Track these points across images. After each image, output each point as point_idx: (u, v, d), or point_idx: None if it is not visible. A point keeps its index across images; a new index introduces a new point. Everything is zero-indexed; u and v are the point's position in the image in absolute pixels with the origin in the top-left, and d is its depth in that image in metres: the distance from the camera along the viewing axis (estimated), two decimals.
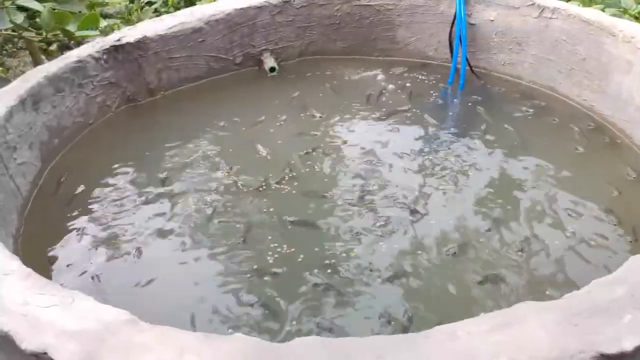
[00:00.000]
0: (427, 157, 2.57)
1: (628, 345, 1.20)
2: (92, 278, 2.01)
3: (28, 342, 1.25)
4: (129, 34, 2.88)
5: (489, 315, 1.31)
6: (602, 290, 1.32)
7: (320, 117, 2.87)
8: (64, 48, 4.16)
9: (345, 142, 2.69)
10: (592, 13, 2.79)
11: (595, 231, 2.15)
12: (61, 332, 1.27)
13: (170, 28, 2.98)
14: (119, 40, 2.81)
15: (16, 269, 1.47)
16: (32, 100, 2.39)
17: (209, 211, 2.28)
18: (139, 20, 4.37)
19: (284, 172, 2.48)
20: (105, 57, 2.77)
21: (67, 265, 2.06)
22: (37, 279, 1.44)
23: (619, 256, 2.02)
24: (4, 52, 4.70)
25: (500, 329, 1.25)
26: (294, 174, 2.47)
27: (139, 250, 2.11)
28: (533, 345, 1.21)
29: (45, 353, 1.22)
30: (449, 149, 2.63)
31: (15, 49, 4.81)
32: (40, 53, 3.96)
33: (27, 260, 1.96)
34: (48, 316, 1.31)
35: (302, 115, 2.90)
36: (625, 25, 2.63)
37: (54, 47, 4.22)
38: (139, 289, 1.96)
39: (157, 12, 4.85)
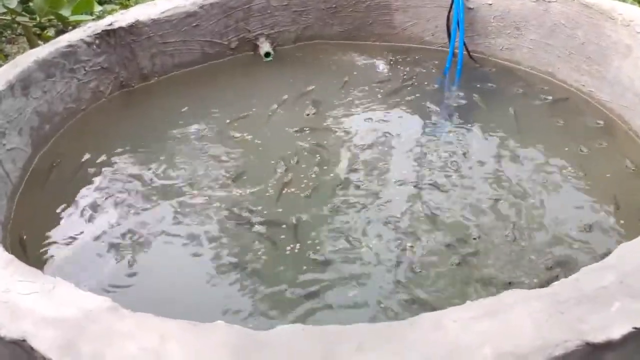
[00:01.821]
0: (424, 142, 2.55)
1: (616, 334, 1.17)
2: (81, 265, 1.99)
3: (7, 330, 1.24)
4: (121, 19, 2.85)
5: (475, 303, 1.28)
6: (590, 277, 1.30)
7: (316, 102, 2.84)
8: (61, 34, 4.12)
9: (342, 128, 2.66)
10: None
11: (589, 216, 2.14)
12: (40, 320, 1.25)
13: (164, 12, 2.94)
14: (110, 24, 2.78)
15: None
16: (22, 85, 2.36)
17: (203, 200, 2.25)
18: (139, 4, 4.32)
19: (279, 158, 2.45)
20: (97, 41, 2.74)
21: (56, 252, 2.04)
22: (19, 266, 1.42)
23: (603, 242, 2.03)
24: (3, 38, 4.66)
25: (486, 318, 1.23)
26: (291, 160, 2.44)
27: (130, 238, 2.09)
28: (518, 334, 1.18)
29: (24, 340, 1.21)
30: (446, 134, 2.60)
31: (14, 35, 4.77)
32: (37, 39, 3.93)
33: (14, 247, 1.97)
34: (28, 303, 1.30)
35: (297, 100, 2.87)
36: (624, 9, 2.58)
37: (51, 32, 4.18)
38: (128, 276, 1.95)
39: None
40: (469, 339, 1.18)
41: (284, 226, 2.11)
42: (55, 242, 2.09)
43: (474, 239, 2.04)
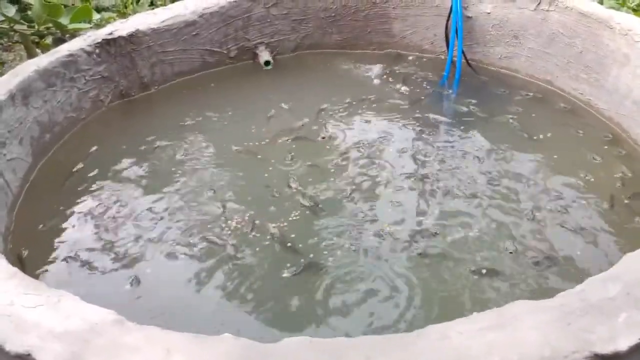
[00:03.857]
0: (424, 150, 2.55)
1: (623, 345, 1.18)
2: (82, 277, 1.97)
3: (12, 344, 1.23)
4: (121, 28, 2.85)
5: (481, 314, 1.29)
6: (596, 288, 1.30)
7: (316, 111, 2.84)
8: (59, 42, 4.11)
9: (341, 137, 2.65)
10: (590, 5, 2.76)
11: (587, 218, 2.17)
12: (46, 333, 1.24)
13: (164, 21, 2.94)
14: (111, 33, 2.78)
15: (1, 269, 1.44)
16: (22, 94, 2.35)
17: (207, 212, 2.23)
18: (136, 13, 4.31)
19: (279, 168, 2.44)
20: (97, 51, 2.73)
21: (57, 264, 2.03)
22: (23, 279, 1.41)
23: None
24: (0, 45, 4.65)
25: (493, 329, 1.23)
26: (290, 168, 2.44)
27: (133, 250, 2.07)
28: (525, 345, 1.19)
29: (29, 355, 1.20)
30: (445, 142, 2.60)
31: (10, 43, 4.76)
32: (35, 47, 3.92)
33: (16, 259, 1.96)
34: (33, 317, 1.29)
35: (297, 109, 2.87)
36: (622, 18, 2.60)
37: (49, 40, 4.18)
38: (131, 289, 1.93)
39: (154, 5, 4.79)
40: (476, 350, 1.19)
41: (290, 242, 2.10)
42: (56, 254, 2.07)
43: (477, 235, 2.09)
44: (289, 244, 2.06)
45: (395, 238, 2.08)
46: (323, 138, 2.59)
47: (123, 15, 4.43)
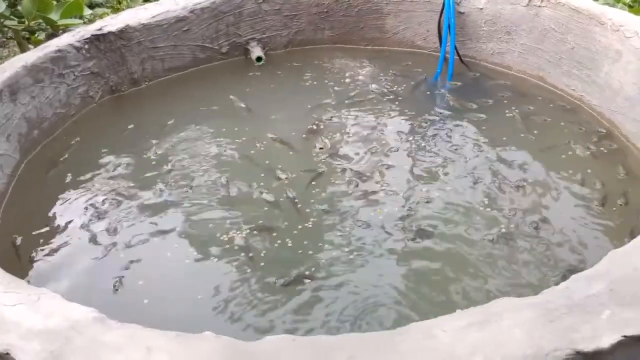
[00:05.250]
0: (416, 146, 2.54)
1: (605, 342, 1.17)
2: (65, 273, 1.96)
3: None
4: (111, 23, 2.83)
5: (465, 312, 1.28)
6: (580, 285, 1.29)
7: (308, 107, 2.82)
8: (52, 38, 4.08)
9: (333, 134, 2.64)
10: (582, 1, 2.75)
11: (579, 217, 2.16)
12: (25, 332, 1.23)
13: (154, 17, 2.93)
14: (100, 29, 2.76)
15: None
16: (9, 90, 2.34)
17: (196, 209, 2.22)
18: (129, 9, 4.28)
19: (271, 168, 2.43)
20: (86, 46, 2.72)
21: (41, 260, 2.01)
22: (3, 276, 1.40)
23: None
24: None
25: (476, 327, 1.22)
26: (282, 167, 2.42)
27: (119, 247, 2.05)
28: (509, 343, 1.18)
29: (7, 354, 1.19)
30: (438, 137, 2.59)
31: (4, 39, 4.73)
32: (27, 43, 3.90)
33: (2, 257, 1.94)
34: (12, 315, 1.28)
35: (289, 106, 2.85)
36: (613, 14, 2.59)
37: (42, 36, 4.16)
38: (112, 286, 1.91)
39: (148, 1, 4.76)
40: (460, 349, 1.18)
41: (274, 234, 2.09)
42: (41, 251, 2.05)
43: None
44: (284, 244, 2.06)
45: (388, 224, 2.11)
46: (321, 149, 2.54)
47: (117, 11, 4.40)
